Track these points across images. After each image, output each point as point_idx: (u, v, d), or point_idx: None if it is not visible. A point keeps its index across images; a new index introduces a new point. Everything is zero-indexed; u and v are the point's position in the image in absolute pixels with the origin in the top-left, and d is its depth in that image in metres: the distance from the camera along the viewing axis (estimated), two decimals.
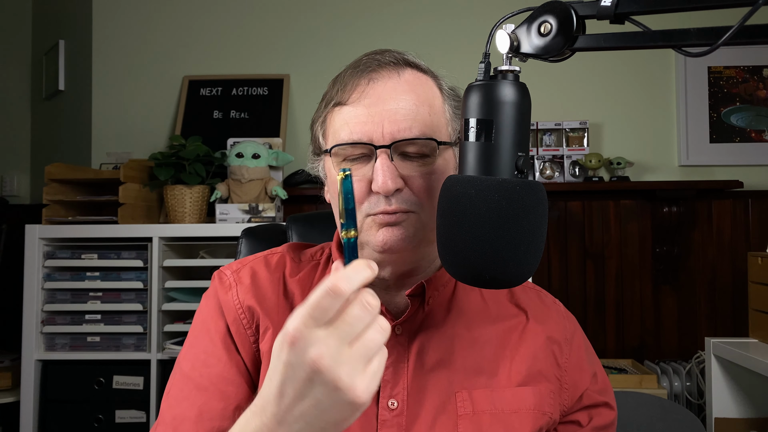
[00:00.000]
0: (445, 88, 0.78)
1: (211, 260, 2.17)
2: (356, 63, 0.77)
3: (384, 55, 0.76)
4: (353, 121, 0.73)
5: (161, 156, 2.22)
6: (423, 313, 0.78)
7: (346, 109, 0.74)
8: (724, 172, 2.61)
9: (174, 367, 0.79)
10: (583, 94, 2.66)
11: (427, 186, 0.73)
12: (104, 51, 2.69)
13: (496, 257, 0.59)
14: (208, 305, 0.81)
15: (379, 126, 0.72)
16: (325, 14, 2.71)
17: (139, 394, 2.08)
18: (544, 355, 0.79)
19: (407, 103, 0.73)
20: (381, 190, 0.70)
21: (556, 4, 0.61)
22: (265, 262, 0.84)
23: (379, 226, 0.73)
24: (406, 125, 0.72)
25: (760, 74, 2.64)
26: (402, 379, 0.75)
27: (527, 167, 0.62)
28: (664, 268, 2.56)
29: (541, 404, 0.77)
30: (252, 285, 0.80)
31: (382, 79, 0.74)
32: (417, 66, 0.77)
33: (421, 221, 0.73)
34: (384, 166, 0.71)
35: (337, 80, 0.77)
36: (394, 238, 0.72)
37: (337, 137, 0.74)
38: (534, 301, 0.84)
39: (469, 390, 0.75)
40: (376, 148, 0.72)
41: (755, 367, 1.69)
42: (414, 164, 0.73)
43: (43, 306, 2.13)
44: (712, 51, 0.55)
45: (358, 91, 0.74)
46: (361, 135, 0.72)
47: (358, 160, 0.73)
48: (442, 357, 0.77)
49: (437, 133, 0.74)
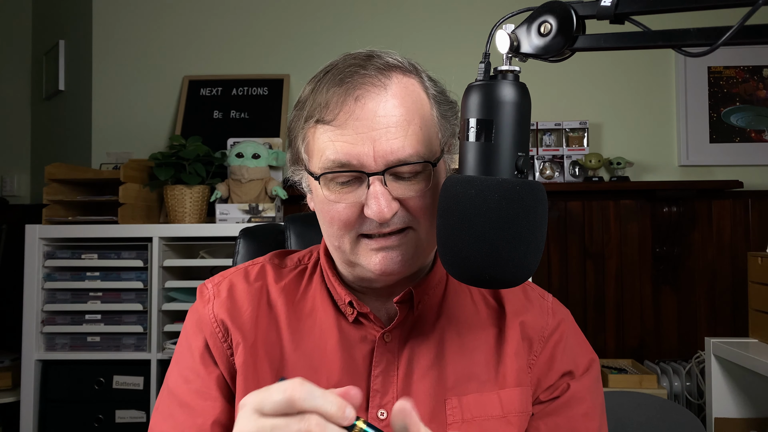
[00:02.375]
0: (431, 91, 0.74)
1: (211, 260, 2.17)
2: (336, 72, 0.71)
3: (366, 65, 0.70)
4: (340, 142, 0.68)
5: (161, 156, 2.22)
6: (412, 318, 0.77)
7: (331, 128, 0.69)
8: (724, 172, 2.61)
9: (163, 382, 0.81)
10: (583, 94, 2.66)
11: (423, 204, 0.70)
12: (104, 51, 2.69)
13: (496, 257, 0.59)
14: (190, 321, 0.81)
15: (369, 148, 0.67)
16: (325, 14, 2.71)
17: (139, 394, 2.08)
18: (521, 347, 0.78)
19: (397, 119, 0.68)
20: (376, 218, 0.68)
21: (556, 4, 0.61)
22: (244, 274, 0.83)
23: (375, 251, 0.71)
24: (398, 145, 0.68)
25: (760, 74, 2.64)
26: (391, 388, 0.74)
27: (527, 167, 0.62)
28: (664, 268, 2.56)
29: (525, 404, 0.76)
30: (228, 298, 0.79)
31: (369, 95, 0.69)
32: (402, 68, 0.72)
33: (418, 237, 0.72)
34: (378, 194, 0.67)
35: (318, 91, 0.71)
36: (393, 263, 0.71)
37: (322, 158, 0.70)
38: (516, 294, 0.82)
39: (459, 397, 0.74)
40: (368, 175, 0.68)
41: (755, 367, 1.69)
42: (408, 184, 0.70)
43: (43, 306, 2.13)
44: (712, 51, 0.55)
45: (345, 111, 0.68)
46: (350, 158, 0.68)
47: (348, 184, 0.70)
48: (432, 363, 0.76)
49: (430, 147, 0.71)
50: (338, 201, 0.70)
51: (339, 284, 0.78)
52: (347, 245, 0.72)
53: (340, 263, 0.77)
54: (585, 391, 0.79)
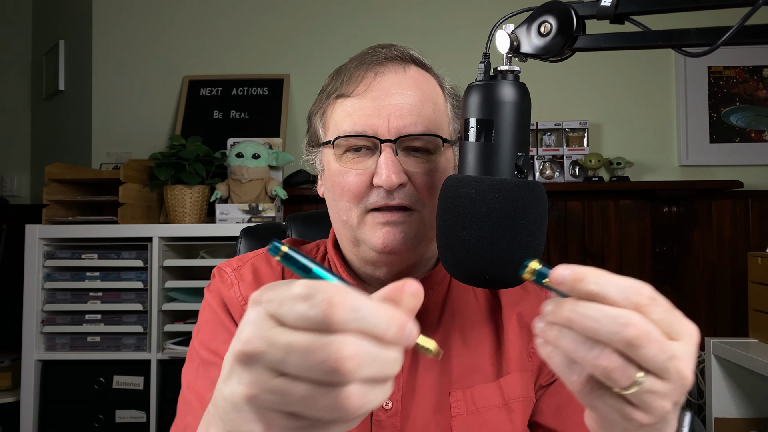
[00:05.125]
0: (447, 87, 0.78)
1: (211, 260, 2.16)
2: (361, 56, 0.76)
3: (390, 50, 0.75)
4: (358, 113, 0.72)
5: (161, 156, 2.22)
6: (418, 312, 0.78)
7: (350, 101, 0.73)
8: (724, 172, 2.61)
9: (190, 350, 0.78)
10: (583, 94, 2.66)
11: (429, 183, 0.73)
12: (104, 51, 2.69)
13: (496, 257, 0.59)
14: (215, 301, 0.80)
15: (384, 120, 0.71)
16: (325, 14, 2.71)
17: (139, 394, 2.08)
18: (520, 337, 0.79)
19: (413, 99, 0.72)
20: (385, 184, 0.70)
21: (556, 4, 0.61)
22: (266, 258, 0.83)
23: (380, 225, 0.72)
24: (411, 120, 0.71)
25: (760, 74, 2.64)
26: (397, 379, 0.75)
27: (527, 167, 0.62)
28: (664, 268, 2.56)
29: (527, 390, 0.77)
30: (254, 281, 0.79)
31: (389, 72, 0.74)
32: (421, 63, 0.77)
33: (422, 219, 0.73)
34: (389, 161, 0.70)
35: (341, 72, 0.76)
36: (395, 240, 0.72)
37: (339, 129, 0.74)
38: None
39: (463, 389, 0.75)
40: (381, 141, 0.71)
41: (755, 367, 1.69)
42: (417, 160, 0.73)
43: (43, 306, 2.13)
44: (712, 51, 0.55)
45: (365, 83, 0.73)
46: (365, 127, 0.72)
47: (360, 153, 0.73)
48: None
49: (440, 130, 0.74)
50: (349, 170, 0.73)
51: (347, 275, 0.79)
52: (354, 219, 0.73)
53: (346, 244, 0.78)
54: None
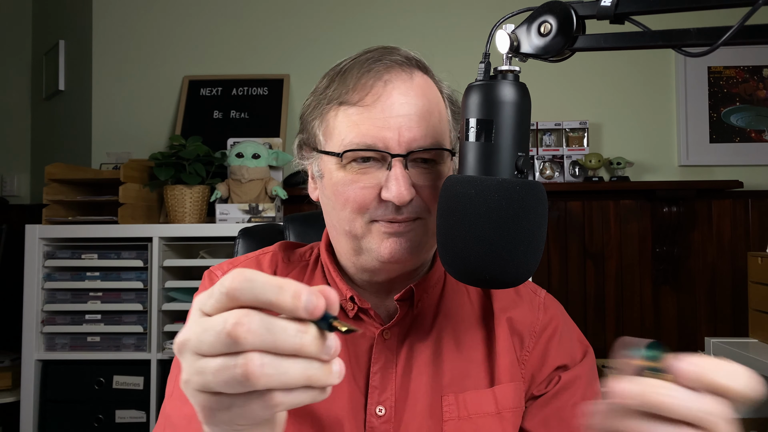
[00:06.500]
0: (446, 92, 0.77)
1: (211, 260, 2.16)
2: (364, 60, 0.73)
3: (393, 54, 0.73)
4: (366, 124, 0.70)
5: (161, 156, 2.22)
6: (412, 316, 0.78)
7: (355, 109, 0.70)
8: (724, 172, 2.61)
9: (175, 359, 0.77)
10: (583, 94, 2.66)
11: (434, 194, 0.71)
12: (104, 51, 2.69)
13: (496, 257, 0.59)
14: None
15: (395, 132, 0.69)
16: (325, 14, 2.71)
17: (139, 394, 2.08)
18: (511, 343, 0.78)
19: (421, 109, 0.71)
20: (396, 200, 0.68)
21: (556, 4, 0.61)
22: (257, 262, 0.83)
23: (386, 235, 0.71)
24: (420, 133, 0.70)
25: (760, 74, 2.64)
26: (390, 384, 0.75)
27: (527, 167, 0.62)
28: (664, 268, 2.56)
29: (518, 400, 0.77)
30: None
31: (396, 80, 0.71)
32: (424, 67, 0.75)
33: (426, 226, 0.73)
34: (399, 176, 0.69)
35: (344, 77, 0.73)
36: (401, 250, 0.71)
37: (344, 138, 0.71)
38: (506, 290, 0.81)
39: (456, 394, 0.75)
40: (392, 156, 0.69)
41: (755, 367, 1.69)
42: (424, 172, 0.72)
43: (43, 306, 2.13)
44: (712, 51, 0.55)
45: (373, 93, 0.70)
46: (376, 140, 0.69)
47: (368, 163, 0.71)
48: (430, 361, 0.76)
49: (445, 140, 0.73)
50: (355, 182, 0.71)
51: (340, 279, 0.78)
52: (359, 229, 0.72)
53: (345, 252, 0.76)
54: (577, 381, 0.79)
